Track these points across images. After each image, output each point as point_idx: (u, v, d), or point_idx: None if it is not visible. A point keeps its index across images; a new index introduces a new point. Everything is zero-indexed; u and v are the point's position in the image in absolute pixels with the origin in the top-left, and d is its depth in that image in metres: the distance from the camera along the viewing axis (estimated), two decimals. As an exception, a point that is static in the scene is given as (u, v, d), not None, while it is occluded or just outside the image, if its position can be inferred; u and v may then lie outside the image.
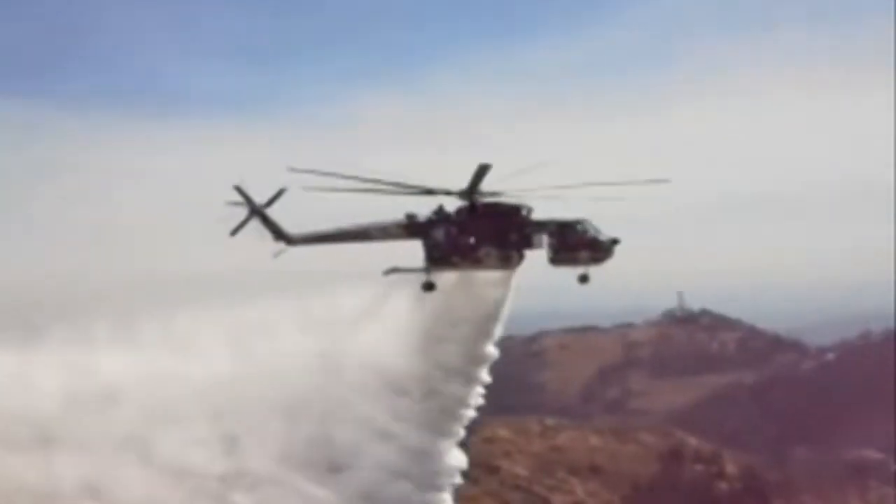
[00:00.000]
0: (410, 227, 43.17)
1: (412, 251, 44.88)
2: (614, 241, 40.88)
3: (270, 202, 46.15)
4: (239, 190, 46.63)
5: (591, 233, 40.86)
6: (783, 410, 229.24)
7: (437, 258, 42.04)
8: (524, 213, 41.59)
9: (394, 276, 44.60)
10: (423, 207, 44.42)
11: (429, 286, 42.73)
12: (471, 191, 40.47)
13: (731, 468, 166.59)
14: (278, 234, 46.11)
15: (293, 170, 40.07)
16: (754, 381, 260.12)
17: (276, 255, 46.00)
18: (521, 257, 42.50)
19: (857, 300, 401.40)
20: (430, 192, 41.11)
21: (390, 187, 40.51)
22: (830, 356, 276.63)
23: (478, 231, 40.97)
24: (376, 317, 45.62)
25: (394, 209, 44.65)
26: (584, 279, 41.38)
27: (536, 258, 43.38)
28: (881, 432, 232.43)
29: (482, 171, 39.36)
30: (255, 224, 47.33)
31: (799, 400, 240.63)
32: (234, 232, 46.86)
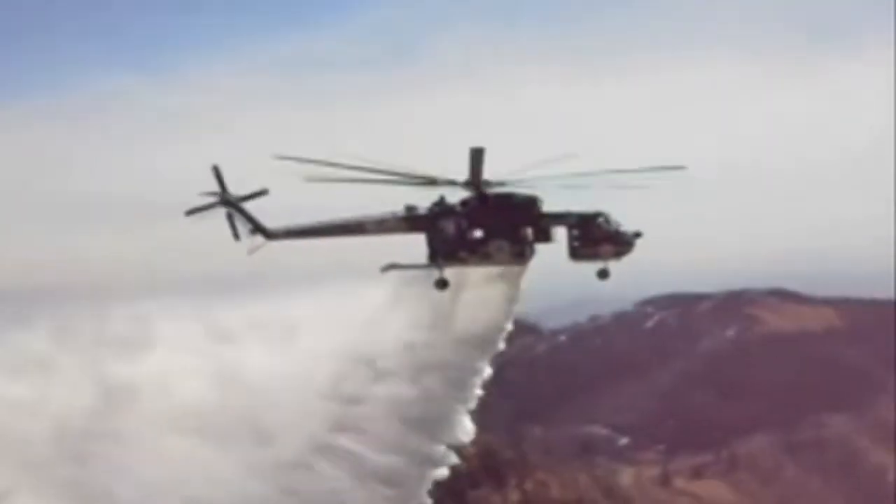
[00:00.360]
0: (411, 220, 39.89)
1: (385, 245, 41.74)
2: (637, 235, 38.90)
3: (248, 197, 42.56)
4: (216, 172, 42.87)
5: (614, 226, 39.00)
6: (519, 391, 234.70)
7: (444, 253, 39.11)
8: (539, 204, 39.19)
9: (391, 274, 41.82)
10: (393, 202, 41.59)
11: (442, 283, 39.88)
12: (476, 180, 37.70)
13: (468, 448, 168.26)
14: (255, 227, 42.56)
15: (280, 157, 36.41)
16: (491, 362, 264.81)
17: (252, 251, 42.73)
18: (533, 252, 39.78)
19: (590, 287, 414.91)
20: (432, 182, 38.38)
21: (390, 177, 37.73)
22: (563, 338, 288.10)
23: (489, 223, 38.63)
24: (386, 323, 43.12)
25: (371, 201, 41.42)
26: (603, 274, 39.65)
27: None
28: (608, 409, 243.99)
29: (477, 155, 36.60)
30: (220, 215, 43.71)
31: (533, 380, 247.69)
32: (191, 212, 42.90)
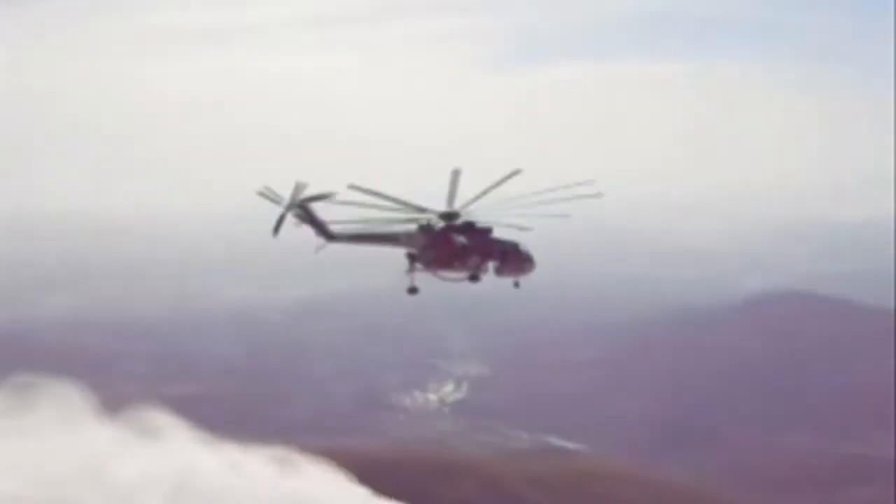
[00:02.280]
0: (426, 234, 44.93)
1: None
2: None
3: (312, 199, 44.48)
4: (265, 195, 45.00)
5: (524, 251, 47.31)
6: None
7: (442, 263, 44.96)
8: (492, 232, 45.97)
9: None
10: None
11: (413, 290, 46.79)
12: (452, 211, 43.81)
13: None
14: (320, 229, 45.40)
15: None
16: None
17: (318, 250, 45.89)
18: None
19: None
20: (423, 210, 43.54)
21: (389, 203, 42.32)
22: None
23: (478, 243, 45.02)
24: None
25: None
26: (517, 285, 48.35)
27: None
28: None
29: (456, 177, 41.89)
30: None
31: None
32: (276, 231, 45.19)
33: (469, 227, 44.77)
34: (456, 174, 41.15)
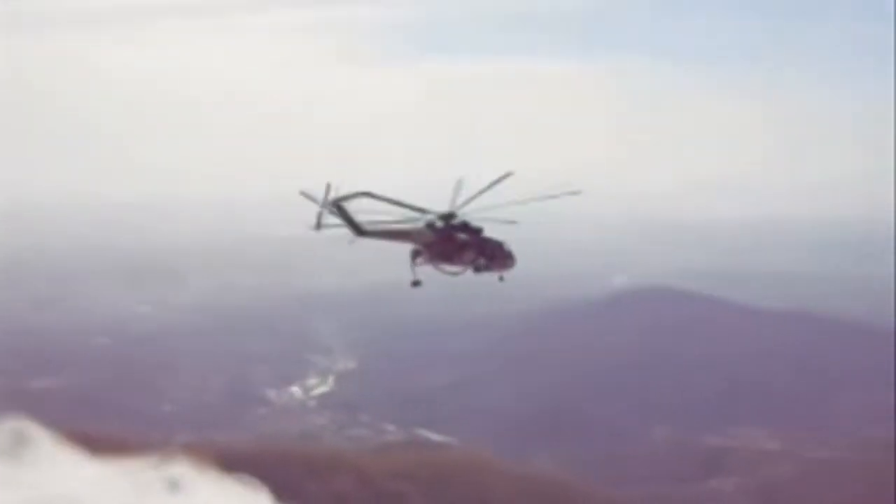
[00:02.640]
0: (432, 233, 48.44)
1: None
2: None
3: (346, 198, 47.36)
4: (306, 195, 47.92)
5: (507, 249, 50.45)
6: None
7: (442, 258, 48.48)
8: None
9: None
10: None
11: (416, 283, 50.22)
12: (450, 212, 47.43)
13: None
14: (352, 225, 48.58)
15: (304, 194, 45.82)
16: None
17: (350, 243, 49.13)
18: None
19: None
20: (423, 211, 47.10)
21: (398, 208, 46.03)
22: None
23: (474, 241, 48.69)
24: None
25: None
26: (501, 279, 51.64)
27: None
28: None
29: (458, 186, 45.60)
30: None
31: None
32: (318, 228, 48.71)
33: (465, 227, 48.60)
34: (459, 183, 45.38)
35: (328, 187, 47.68)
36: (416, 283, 50.12)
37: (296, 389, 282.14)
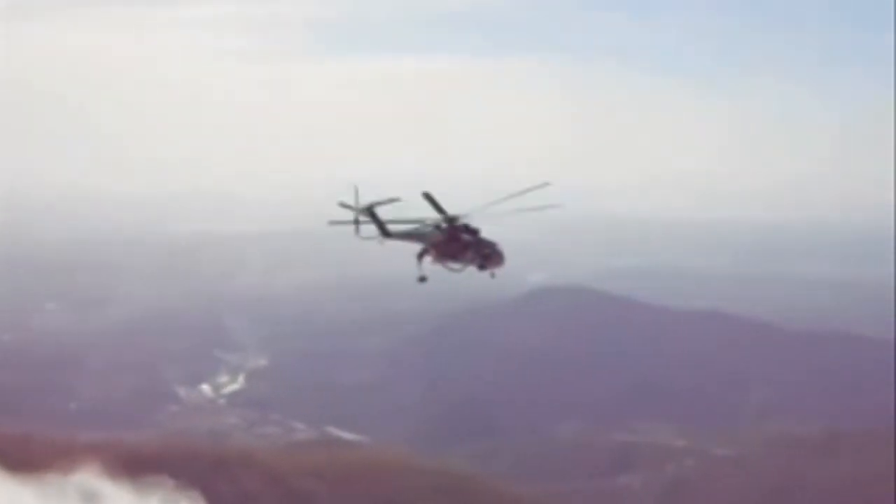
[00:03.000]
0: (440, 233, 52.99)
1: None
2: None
3: (378, 204, 52.83)
4: (344, 205, 53.29)
5: (499, 249, 54.34)
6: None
7: (448, 255, 52.82)
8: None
9: None
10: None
11: (423, 279, 54.31)
12: (453, 216, 51.99)
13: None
14: (381, 228, 53.96)
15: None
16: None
17: (381, 243, 54.30)
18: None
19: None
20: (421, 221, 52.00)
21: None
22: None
23: (474, 241, 52.93)
24: None
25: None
26: (493, 275, 55.10)
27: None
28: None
29: (429, 200, 50.21)
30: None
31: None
32: (357, 231, 54.48)
33: (466, 229, 53.23)
34: (356, 188, 51.22)
35: (356, 191, 53.32)
36: (422, 279, 54.34)
37: (206, 387, 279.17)
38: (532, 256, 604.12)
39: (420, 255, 54.42)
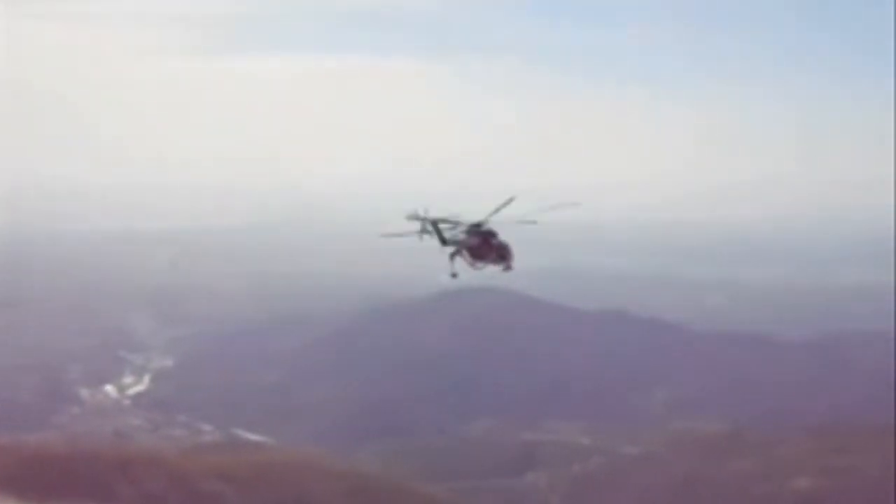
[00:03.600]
0: (474, 237, 57.41)
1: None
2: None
3: (441, 220, 56.51)
4: (415, 217, 56.45)
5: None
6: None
7: (479, 257, 57.26)
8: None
9: None
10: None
11: (454, 276, 57.30)
12: (479, 222, 56.39)
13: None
14: (441, 238, 57.31)
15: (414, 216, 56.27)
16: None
17: (440, 251, 57.73)
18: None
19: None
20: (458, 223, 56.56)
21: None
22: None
23: (497, 244, 57.73)
24: None
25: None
26: (507, 268, 58.26)
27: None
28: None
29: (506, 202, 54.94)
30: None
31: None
32: (420, 239, 56.93)
33: (489, 232, 58.68)
34: (509, 200, 54.85)
35: (426, 209, 57.26)
36: (454, 276, 57.98)
37: (110, 388, 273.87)
38: (444, 257, 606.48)
39: (452, 256, 59.28)
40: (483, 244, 58.56)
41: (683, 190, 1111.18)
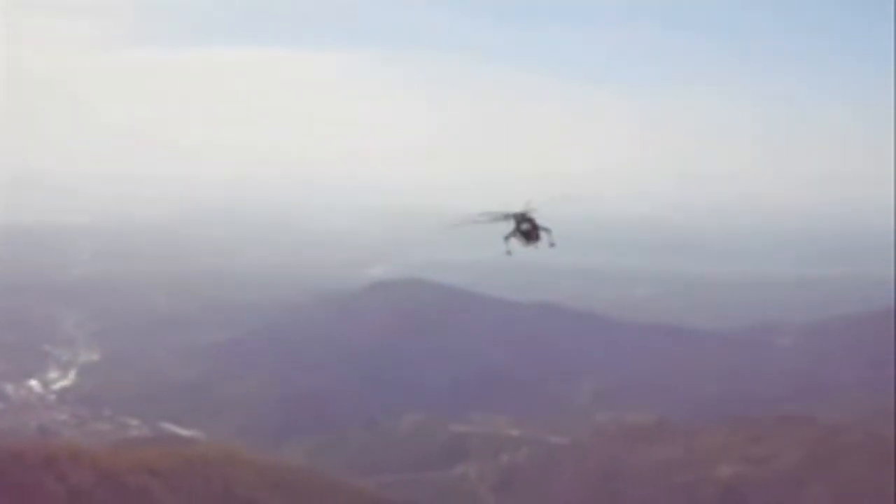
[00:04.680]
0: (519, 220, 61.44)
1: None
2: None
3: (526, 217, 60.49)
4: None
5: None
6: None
7: (527, 239, 60.89)
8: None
9: None
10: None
11: (508, 253, 59.59)
12: (525, 210, 60.27)
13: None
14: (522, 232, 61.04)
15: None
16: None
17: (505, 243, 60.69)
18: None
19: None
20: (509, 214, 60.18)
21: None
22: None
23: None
24: None
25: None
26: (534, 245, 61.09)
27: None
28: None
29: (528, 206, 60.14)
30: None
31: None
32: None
33: (532, 219, 63.80)
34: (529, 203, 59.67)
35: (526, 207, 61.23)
36: (508, 253, 61.64)
37: (34, 383, 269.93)
38: (373, 250, 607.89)
39: (507, 237, 63.42)
40: (533, 229, 64.18)
41: (623, 184, 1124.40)
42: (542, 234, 64.30)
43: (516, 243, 64.49)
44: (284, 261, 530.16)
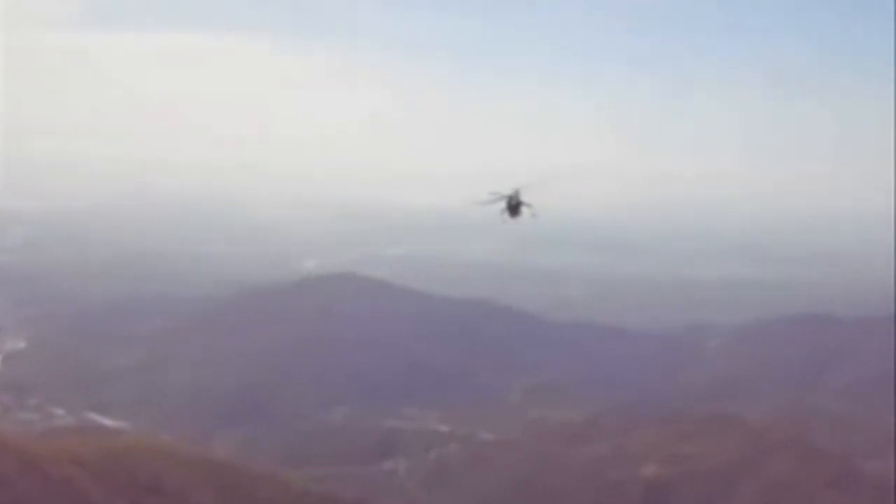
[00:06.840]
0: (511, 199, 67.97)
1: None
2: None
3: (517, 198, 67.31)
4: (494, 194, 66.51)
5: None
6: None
7: (514, 213, 67.09)
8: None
9: None
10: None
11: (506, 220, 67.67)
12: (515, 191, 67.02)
13: None
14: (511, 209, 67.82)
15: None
16: None
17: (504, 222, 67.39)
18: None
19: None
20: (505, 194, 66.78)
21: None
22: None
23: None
24: None
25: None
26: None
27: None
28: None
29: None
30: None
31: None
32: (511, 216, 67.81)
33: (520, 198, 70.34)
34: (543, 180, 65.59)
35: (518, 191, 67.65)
36: (504, 221, 68.18)
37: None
38: (307, 244, 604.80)
39: (503, 212, 68.29)
40: (518, 205, 70.13)
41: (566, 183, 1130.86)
42: (525, 209, 70.34)
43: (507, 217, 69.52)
44: (222, 250, 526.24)
